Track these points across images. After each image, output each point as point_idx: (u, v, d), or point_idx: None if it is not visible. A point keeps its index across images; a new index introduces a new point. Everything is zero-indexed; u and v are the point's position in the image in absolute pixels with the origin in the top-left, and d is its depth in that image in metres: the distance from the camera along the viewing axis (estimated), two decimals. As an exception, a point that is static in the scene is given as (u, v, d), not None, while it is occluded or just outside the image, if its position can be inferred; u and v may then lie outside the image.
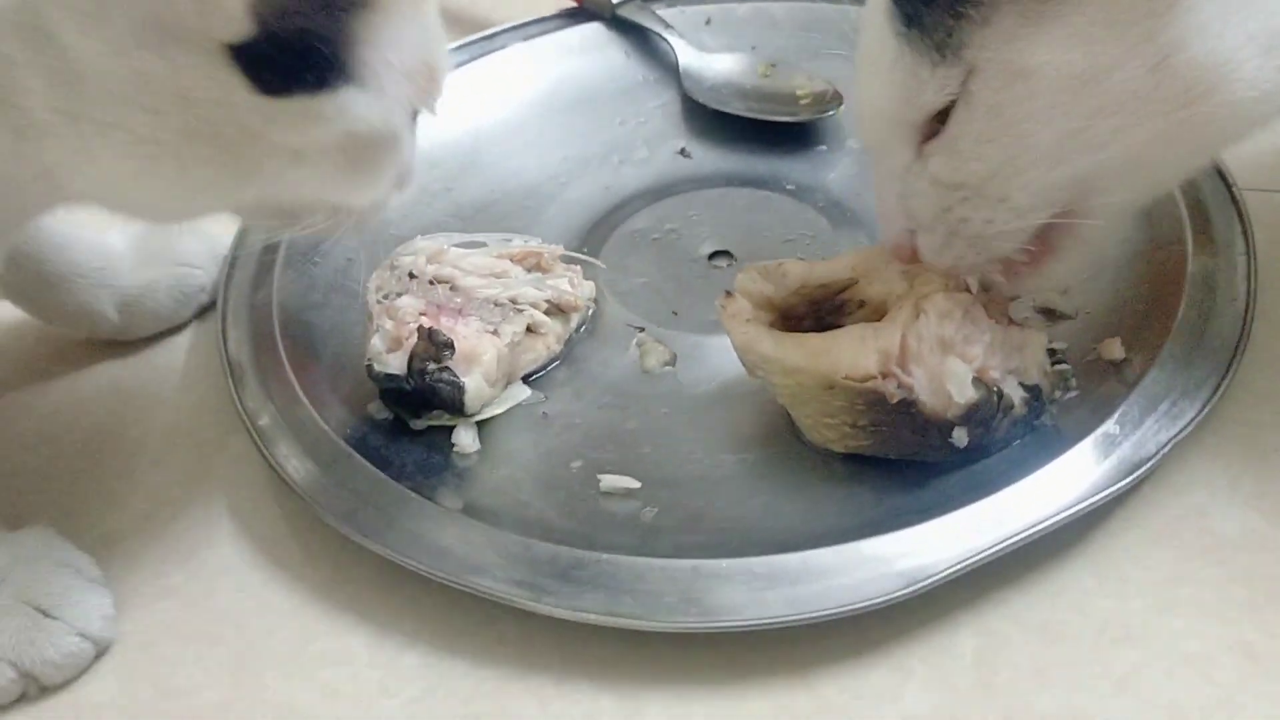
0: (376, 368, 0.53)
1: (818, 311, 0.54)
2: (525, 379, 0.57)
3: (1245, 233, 0.57)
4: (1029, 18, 0.42)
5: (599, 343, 0.59)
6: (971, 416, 0.49)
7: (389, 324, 0.53)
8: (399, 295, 0.55)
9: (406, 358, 0.53)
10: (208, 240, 0.64)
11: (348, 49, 0.40)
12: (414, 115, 0.46)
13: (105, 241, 0.61)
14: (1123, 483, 0.48)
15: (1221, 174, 0.59)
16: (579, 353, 0.59)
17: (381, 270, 0.56)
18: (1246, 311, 0.54)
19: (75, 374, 0.61)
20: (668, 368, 0.58)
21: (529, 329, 0.57)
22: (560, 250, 0.60)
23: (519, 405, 0.56)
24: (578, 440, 0.55)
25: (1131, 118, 0.43)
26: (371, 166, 0.45)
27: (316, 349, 0.58)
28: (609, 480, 0.52)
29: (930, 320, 0.50)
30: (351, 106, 0.41)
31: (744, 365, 0.52)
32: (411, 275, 0.55)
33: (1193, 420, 0.50)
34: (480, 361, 0.54)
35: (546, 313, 0.58)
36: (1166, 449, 0.49)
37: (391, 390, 0.54)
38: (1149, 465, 0.49)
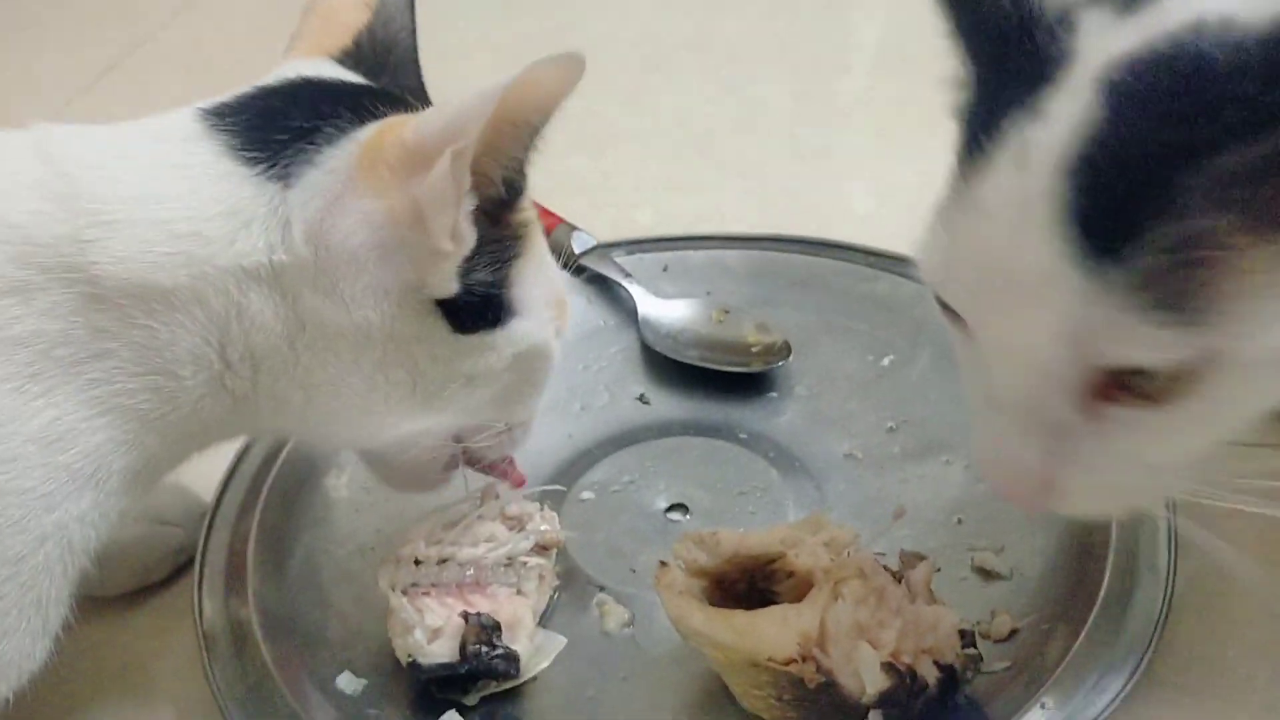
0: (424, 661, 0.55)
1: (751, 578, 0.57)
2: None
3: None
4: None
5: (562, 601, 0.62)
6: (886, 699, 0.51)
7: (424, 618, 0.55)
8: (413, 585, 0.57)
9: (455, 645, 0.55)
10: (187, 498, 0.67)
11: (511, 291, 0.52)
12: (557, 334, 0.57)
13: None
14: (1054, 763, 0.51)
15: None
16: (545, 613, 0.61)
17: (386, 565, 0.58)
18: (1168, 579, 0.56)
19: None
20: (627, 629, 0.60)
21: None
22: (526, 500, 0.62)
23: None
24: (544, 709, 0.57)
25: None
26: (532, 379, 0.56)
27: (289, 619, 0.61)
28: (569, 757, 0.54)
29: (846, 605, 0.52)
30: (518, 333, 0.53)
31: (678, 632, 0.55)
32: (417, 562, 0.57)
33: (1119, 694, 0.52)
34: (524, 626, 0.57)
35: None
36: (1096, 726, 0.52)
37: (440, 677, 0.56)
38: (1079, 742, 0.51)
